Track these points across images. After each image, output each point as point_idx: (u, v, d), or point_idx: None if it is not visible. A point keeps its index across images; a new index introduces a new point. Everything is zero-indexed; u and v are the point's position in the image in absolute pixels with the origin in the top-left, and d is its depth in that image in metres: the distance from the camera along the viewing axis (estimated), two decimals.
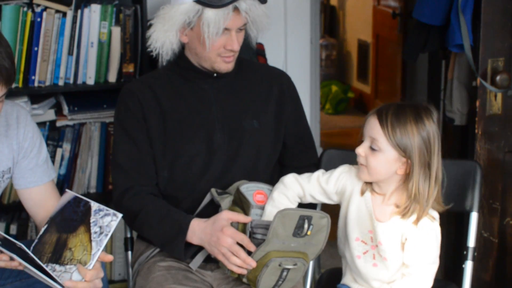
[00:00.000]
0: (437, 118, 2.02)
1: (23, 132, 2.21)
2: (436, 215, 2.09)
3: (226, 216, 2.12)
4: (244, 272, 2.10)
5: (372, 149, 2.02)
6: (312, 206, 2.30)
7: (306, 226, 2.05)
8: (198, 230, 2.16)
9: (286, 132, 2.40)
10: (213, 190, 2.25)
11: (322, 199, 2.21)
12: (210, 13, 2.17)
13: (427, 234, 2.05)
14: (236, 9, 2.18)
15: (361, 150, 2.03)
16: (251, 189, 2.18)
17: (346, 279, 2.23)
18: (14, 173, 2.23)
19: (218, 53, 2.25)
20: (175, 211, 2.24)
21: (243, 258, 2.07)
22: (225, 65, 2.27)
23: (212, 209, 2.24)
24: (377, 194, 2.10)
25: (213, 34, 2.18)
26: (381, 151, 2.00)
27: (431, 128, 1.99)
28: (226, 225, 2.10)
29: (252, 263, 2.06)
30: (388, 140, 1.98)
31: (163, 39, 2.26)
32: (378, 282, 2.13)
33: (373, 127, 2.01)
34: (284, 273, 2.08)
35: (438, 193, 2.06)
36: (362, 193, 2.12)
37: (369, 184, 2.11)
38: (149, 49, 2.31)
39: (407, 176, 2.03)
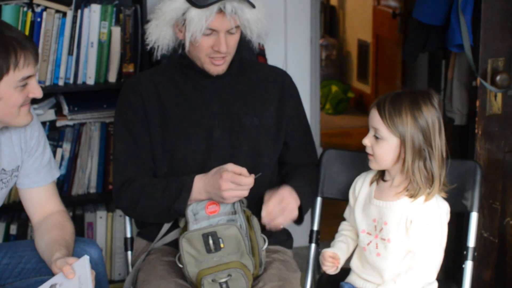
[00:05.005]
0: (438, 101, 2.09)
1: (30, 130, 2.21)
2: (446, 205, 2.14)
3: (231, 167, 2.14)
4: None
5: (376, 138, 2.10)
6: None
7: (211, 241, 2.07)
8: (202, 186, 2.18)
9: (287, 131, 2.41)
10: None
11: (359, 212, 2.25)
12: (193, 12, 2.19)
13: (432, 215, 2.10)
14: (221, 11, 2.19)
15: (367, 141, 2.13)
16: (204, 202, 2.20)
17: (350, 277, 2.26)
18: (19, 172, 2.23)
19: (207, 54, 2.26)
20: (175, 178, 2.26)
21: (245, 182, 2.10)
22: (214, 67, 2.28)
23: (176, 233, 2.29)
24: (385, 182, 2.17)
25: (195, 33, 2.20)
26: (384, 139, 2.08)
27: (429, 112, 2.06)
28: (225, 170, 2.12)
29: (250, 177, 2.11)
30: (388, 128, 2.07)
31: (157, 33, 2.29)
32: (387, 272, 2.15)
33: (373, 117, 2.11)
34: (224, 287, 2.09)
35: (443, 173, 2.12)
36: (371, 182, 2.20)
37: (379, 173, 2.19)
38: (146, 42, 2.34)
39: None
